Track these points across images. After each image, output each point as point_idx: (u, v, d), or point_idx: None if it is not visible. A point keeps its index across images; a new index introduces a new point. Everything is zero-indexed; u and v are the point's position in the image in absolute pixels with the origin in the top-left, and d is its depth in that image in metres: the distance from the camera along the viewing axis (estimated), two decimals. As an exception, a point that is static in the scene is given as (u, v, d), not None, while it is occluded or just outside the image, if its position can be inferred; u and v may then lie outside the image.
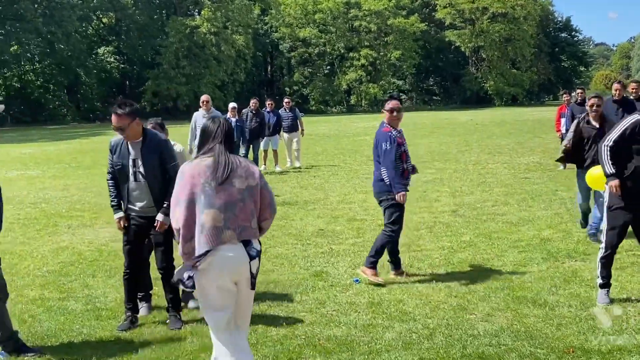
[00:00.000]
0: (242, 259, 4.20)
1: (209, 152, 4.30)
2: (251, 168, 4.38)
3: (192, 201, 4.17)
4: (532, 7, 76.88)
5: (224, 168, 4.22)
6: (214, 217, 4.14)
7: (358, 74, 71.17)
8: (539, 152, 20.04)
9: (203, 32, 61.59)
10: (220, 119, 4.51)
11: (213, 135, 4.36)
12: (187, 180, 4.22)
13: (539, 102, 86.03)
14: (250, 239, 4.24)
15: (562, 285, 6.73)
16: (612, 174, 5.91)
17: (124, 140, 5.83)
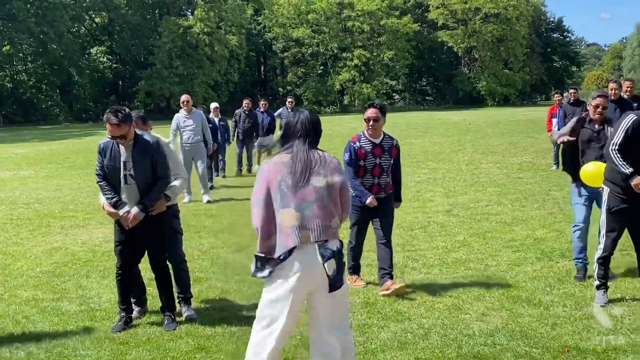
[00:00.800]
0: (315, 262, 4.01)
1: (288, 149, 4.17)
2: (333, 165, 4.18)
3: (269, 200, 4.07)
4: (525, 8, 77.09)
5: (303, 167, 4.07)
6: (290, 216, 4.01)
7: (351, 74, 71.20)
8: (532, 152, 20.09)
9: (196, 32, 61.51)
10: (304, 112, 4.32)
11: (292, 130, 4.21)
12: (264, 178, 4.11)
13: (532, 102, 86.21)
14: (328, 239, 4.06)
15: (556, 284, 6.75)
16: (632, 172, 5.83)
17: (113, 142, 5.77)
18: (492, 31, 73.81)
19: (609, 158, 5.94)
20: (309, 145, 4.16)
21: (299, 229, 3.99)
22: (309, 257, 4.00)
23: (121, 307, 6.02)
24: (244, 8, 67.57)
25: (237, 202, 12.67)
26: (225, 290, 6.97)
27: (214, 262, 8.12)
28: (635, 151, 5.87)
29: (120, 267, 5.99)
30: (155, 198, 5.89)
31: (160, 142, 5.99)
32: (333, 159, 4.21)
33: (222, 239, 9.48)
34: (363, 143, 6.61)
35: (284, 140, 4.23)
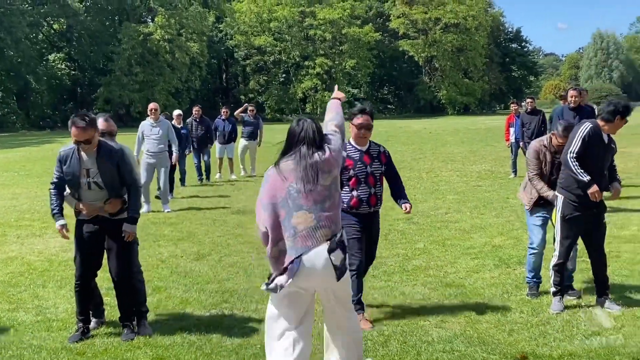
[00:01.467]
0: (334, 258, 4.24)
1: (292, 155, 4.34)
2: (330, 157, 4.36)
3: (277, 205, 4.27)
4: (484, 18, 78.23)
5: (311, 173, 4.26)
6: (306, 218, 4.22)
7: (313, 82, 71.40)
8: (491, 160, 20.36)
9: (157, 39, 61.07)
10: (307, 119, 4.48)
11: (297, 137, 4.39)
12: (271, 184, 4.33)
13: (491, 111, 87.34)
14: (337, 232, 4.30)
15: (514, 291, 6.84)
16: (590, 180, 5.95)
17: (74, 150, 5.69)
18: (452, 41, 74.78)
19: (567, 165, 6.05)
20: (313, 150, 4.34)
21: (315, 229, 4.21)
22: (324, 253, 4.22)
23: (79, 318, 5.91)
24: (205, 15, 67.32)
25: (197, 211, 12.58)
26: (184, 299, 6.92)
27: (173, 271, 8.05)
28: (591, 159, 6.00)
29: (79, 277, 5.87)
30: (137, 208, 5.89)
31: (125, 149, 5.94)
32: (332, 153, 4.38)
33: (182, 247, 9.41)
34: (350, 152, 6.02)
35: (288, 147, 4.41)
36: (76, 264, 5.92)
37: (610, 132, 6.21)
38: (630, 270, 7.42)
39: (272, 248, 4.27)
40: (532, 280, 6.70)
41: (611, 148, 6.25)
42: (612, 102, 6.21)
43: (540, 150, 6.53)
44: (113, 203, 5.79)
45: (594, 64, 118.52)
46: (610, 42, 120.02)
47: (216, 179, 17.53)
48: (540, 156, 6.52)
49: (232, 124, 17.83)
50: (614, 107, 6.07)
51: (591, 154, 6.02)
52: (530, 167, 6.59)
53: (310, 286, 4.32)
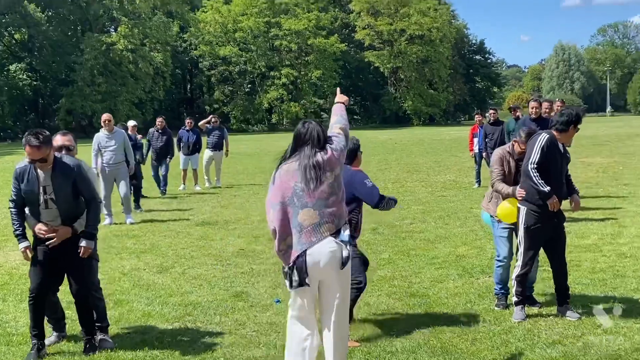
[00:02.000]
0: (332, 249, 4.47)
1: (296, 156, 4.58)
2: (332, 157, 4.58)
3: (284, 203, 4.53)
4: (448, 30, 79.21)
5: (315, 172, 4.50)
6: (311, 215, 4.48)
7: (279, 92, 71.46)
8: (455, 171, 20.55)
9: (120, 48, 60.62)
10: (312, 121, 4.71)
11: (303, 139, 4.61)
12: (277, 185, 4.57)
13: (455, 121, 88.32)
14: (341, 227, 4.54)
15: (477, 300, 6.89)
16: (550, 190, 6.01)
17: (31, 166, 5.56)
18: (417, 52, 75.52)
19: (527, 176, 6.12)
20: (316, 151, 4.57)
21: (319, 225, 4.47)
22: (327, 247, 4.46)
23: (33, 334, 5.73)
24: (169, 25, 66.99)
25: (161, 223, 12.46)
26: (146, 312, 6.83)
27: (135, 284, 7.95)
28: (550, 169, 6.09)
29: (34, 290, 5.70)
30: (96, 223, 5.77)
31: (82, 164, 5.82)
32: (334, 152, 4.61)
33: (145, 260, 9.30)
34: None
35: (294, 148, 4.64)
36: (31, 278, 5.78)
37: (564, 142, 6.30)
38: (591, 279, 7.53)
39: (280, 243, 4.57)
40: (501, 291, 6.72)
41: (566, 157, 6.37)
42: (564, 112, 6.31)
43: (504, 157, 6.59)
44: (62, 231, 5.65)
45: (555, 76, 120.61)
46: (571, 54, 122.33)
47: (180, 190, 17.38)
48: (504, 163, 6.57)
49: (197, 134, 17.71)
50: (567, 118, 6.17)
51: (550, 164, 6.10)
52: (493, 173, 6.64)
53: (315, 278, 4.54)
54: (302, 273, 4.47)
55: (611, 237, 9.77)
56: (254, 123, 74.12)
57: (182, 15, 70.85)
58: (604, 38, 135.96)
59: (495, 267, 6.79)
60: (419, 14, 75.19)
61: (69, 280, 5.82)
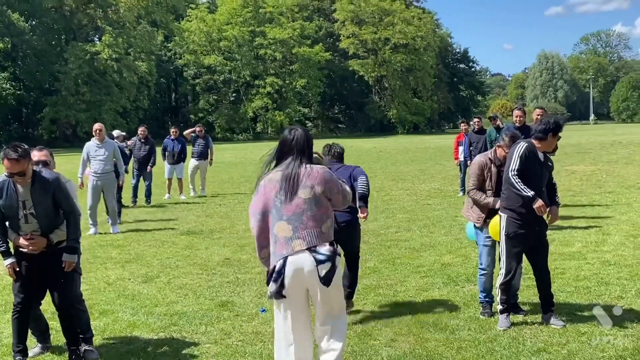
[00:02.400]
0: (308, 266, 4.41)
1: (281, 166, 4.55)
2: (317, 174, 4.51)
3: (265, 213, 4.52)
4: (432, 39, 79.70)
5: (290, 183, 4.45)
6: (284, 228, 4.44)
7: (264, 101, 71.51)
8: (440, 179, 20.62)
9: (104, 58, 60.42)
10: (299, 129, 4.65)
11: (288, 147, 4.57)
12: (261, 193, 4.55)
13: (440, 130, 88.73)
14: (317, 245, 4.43)
15: (462, 309, 6.91)
16: (534, 195, 6.04)
17: (9, 181, 5.48)
18: (402, 61, 75.86)
19: (509, 183, 6.16)
20: (301, 161, 4.52)
21: (291, 239, 4.42)
22: (300, 263, 4.41)
23: (16, 350, 5.66)
24: (153, 34, 66.90)
25: (146, 233, 12.41)
26: (131, 323, 6.79)
27: (120, 294, 7.91)
28: (529, 177, 6.14)
29: (18, 304, 5.65)
30: (77, 236, 5.73)
31: (61, 178, 5.77)
32: (320, 170, 4.56)
33: (130, 269, 9.26)
34: None
35: (279, 157, 4.60)
36: (15, 292, 5.70)
37: (545, 150, 6.33)
38: (575, 286, 7.57)
39: (261, 251, 4.61)
40: (485, 300, 6.73)
41: (547, 166, 6.39)
42: (543, 121, 6.37)
43: (485, 165, 6.60)
44: (38, 241, 5.59)
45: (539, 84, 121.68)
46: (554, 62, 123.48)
47: (165, 199, 17.33)
48: (485, 171, 6.58)
49: (182, 143, 17.66)
50: (545, 126, 6.23)
51: (529, 172, 6.15)
52: (470, 182, 6.69)
53: (294, 290, 4.48)
54: (278, 284, 4.45)
55: (595, 244, 9.84)
56: (239, 132, 74.08)
57: (166, 24, 70.79)
58: (587, 47, 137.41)
59: (479, 275, 6.81)
60: (403, 22, 75.60)
61: (52, 293, 5.77)
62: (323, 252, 4.43)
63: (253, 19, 72.90)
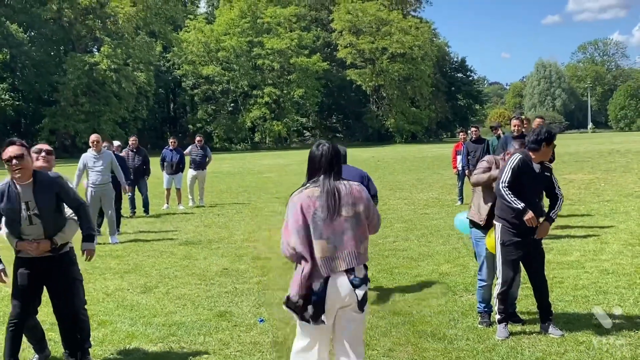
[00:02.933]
0: (346, 289, 4.22)
1: (315, 183, 4.34)
2: (358, 192, 4.35)
3: (304, 229, 4.22)
4: (429, 48, 79.95)
5: (333, 201, 4.24)
6: (323, 247, 4.19)
7: (262, 111, 71.63)
8: (438, 188, 20.64)
9: (103, 68, 60.57)
10: (326, 143, 4.48)
11: (317, 164, 4.39)
12: (297, 209, 4.26)
13: (438, 139, 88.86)
14: (354, 267, 4.24)
15: (460, 318, 6.92)
16: (524, 207, 6.09)
17: (9, 184, 5.44)
18: (399, 70, 76.08)
19: (499, 195, 6.20)
20: (334, 177, 4.35)
21: (330, 260, 4.20)
22: (339, 285, 4.21)
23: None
24: (152, 45, 67.10)
25: (144, 243, 12.41)
26: (130, 333, 6.79)
27: (119, 305, 7.91)
28: (521, 188, 6.18)
29: (17, 315, 5.56)
30: (90, 223, 5.76)
31: (62, 176, 5.77)
32: (357, 187, 4.41)
33: (128, 280, 9.26)
34: None
35: (310, 174, 4.41)
36: (13, 303, 5.61)
37: (541, 160, 6.35)
38: (573, 295, 7.58)
39: (307, 268, 4.21)
40: (484, 309, 6.73)
41: (544, 177, 6.39)
42: (535, 131, 6.41)
43: (494, 161, 6.64)
44: (42, 244, 5.55)
45: (537, 93, 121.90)
46: (552, 71, 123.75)
47: (163, 209, 17.34)
48: (492, 165, 6.61)
49: (180, 154, 17.70)
50: (537, 136, 6.26)
51: (522, 184, 6.18)
52: (477, 169, 6.73)
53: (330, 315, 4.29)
54: (318, 308, 4.21)
55: (593, 253, 9.85)
56: (237, 142, 74.17)
57: (165, 35, 70.99)
58: (585, 55, 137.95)
59: (478, 286, 6.82)
60: (400, 32, 75.85)
61: (54, 301, 5.71)
62: (359, 276, 4.25)
63: (251, 29, 73.11)
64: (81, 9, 63.37)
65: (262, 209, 17.02)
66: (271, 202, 18.38)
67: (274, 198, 19.42)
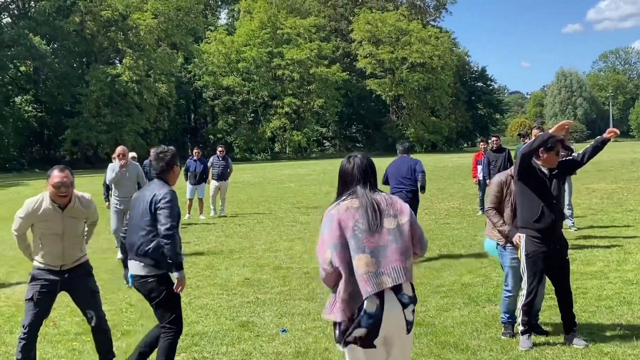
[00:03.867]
0: (395, 309, 3.86)
1: (352, 194, 4.04)
2: (399, 205, 4.06)
3: (343, 244, 3.87)
4: (449, 58, 79.79)
5: (373, 211, 3.95)
6: (367, 262, 3.84)
7: (282, 121, 71.83)
8: (459, 198, 20.57)
9: (125, 80, 61.12)
10: (358, 155, 4.25)
11: (350, 176, 4.12)
12: (334, 223, 3.92)
13: (458, 148, 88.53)
14: (402, 284, 3.90)
15: (483, 329, 6.89)
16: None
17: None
18: (419, 80, 75.97)
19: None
20: (371, 188, 4.08)
21: (375, 276, 3.83)
22: (388, 305, 3.85)
23: None
24: (173, 56, 67.61)
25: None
26: (154, 343, 6.83)
27: (142, 315, 7.96)
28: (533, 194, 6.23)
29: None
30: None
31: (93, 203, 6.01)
32: (397, 199, 4.14)
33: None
34: None
35: (344, 187, 4.13)
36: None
37: (549, 165, 6.31)
38: (597, 306, 7.52)
39: (347, 288, 3.84)
40: (508, 320, 6.68)
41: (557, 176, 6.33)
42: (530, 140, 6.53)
43: (505, 183, 6.59)
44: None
45: (558, 102, 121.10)
46: (573, 80, 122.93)
47: (185, 219, 17.43)
48: (504, 189, 6.57)
49: (204, 164, 17.85)
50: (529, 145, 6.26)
51: (530, 190, 6.22)
52: (488, 200, 6.71)
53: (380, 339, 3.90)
54: (373, 330, 3.83)
55: (617, 263, 9.77)
56: (257, 152, 74.42)
57: (186, 46, 71.49)
58: (606, 64, 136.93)
59: (503, 296, 6.75)
60: (420, 42, 75.81)
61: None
62: (408, 293, 3.93)
63: (271, 40, 73.43)
64: (103, 21, 64.07)
65: (282, 219, 17.06)
66: (291, 212, 18.41)
67: (295, 208, 19.45)
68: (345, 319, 3.84)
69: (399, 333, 3.91)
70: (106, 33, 65.09)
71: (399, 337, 3.92)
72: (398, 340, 3.93)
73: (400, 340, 3.94)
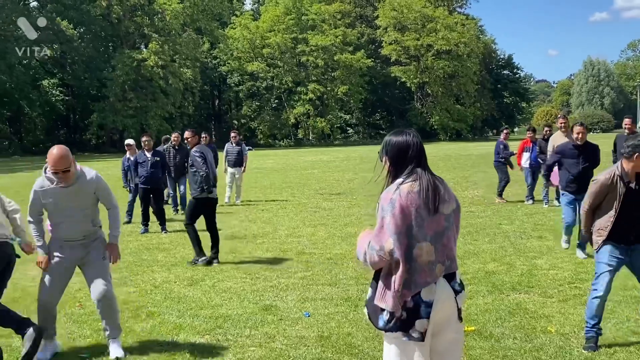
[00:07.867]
0: (450, 296, 3.67)
1: (412, 175, 3.67)
2: (451, 190, 3.79)
3: (405, 233, 3.56)
4: (475, 45, 79.09)
5: (434, 195, 3.64)
6: (428, 250, 3.59)
7: (306, 108, 71.85)
8: (483, 186, 20.45)
9: (150, 65, 61.49)
10: (409, 131, 3.85)
11: (409, 153, 3.72)
12: (397, 210, 3.56)
13: (483, 137, 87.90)
14: (454, 271, 3.72)
15: (507, 317, 6.86)
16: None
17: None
18: (444, 67, 75.49)
19: None
20: (427, 169, 3.75)
21: (434, 264, 3.61)
22: (442, 292, 3.64)
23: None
24: (198, 42, 67.87)
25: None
26: (177, 325, 6.89)
27: (166, 297, 8.04)
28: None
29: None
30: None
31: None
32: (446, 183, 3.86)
33: (175, 273, 9.40)
34: None
35: (399, 167, 3.73)
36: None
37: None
38: (622, 296, 7.44)
39: (403, 276, 3.57)
40: (592, 330, 5.94)
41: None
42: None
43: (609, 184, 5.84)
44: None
45: (585, 91, 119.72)
46: (601, 69, 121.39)
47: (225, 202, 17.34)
48: (610, 189, 5.83)
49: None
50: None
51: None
52: (586, 200, 6.10)
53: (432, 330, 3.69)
54: (423, 323, 3.60)
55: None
56: (281, 138, 74.56)
57: (211, 32, 71.70)
58: (634, 53, 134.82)
59: (590, 298, 6.02)
60: (446, 29, 75.24)
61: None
62: (458, 280, 3.74)
63: (295, 26, 73.34)
64: (130, 6, 64.43)
65: (305, 205, 17.08)
66: (314, 198, 18.43)
67: (317, 194, 19.46)
68: (398, 308, 3.60)
69: (450, 322, 3.72)
70: (132, 17, 65.45)
71: (450, 326, 3.72)
72: (449, 328, 3.73)
73: (453, 330, 3.74)
